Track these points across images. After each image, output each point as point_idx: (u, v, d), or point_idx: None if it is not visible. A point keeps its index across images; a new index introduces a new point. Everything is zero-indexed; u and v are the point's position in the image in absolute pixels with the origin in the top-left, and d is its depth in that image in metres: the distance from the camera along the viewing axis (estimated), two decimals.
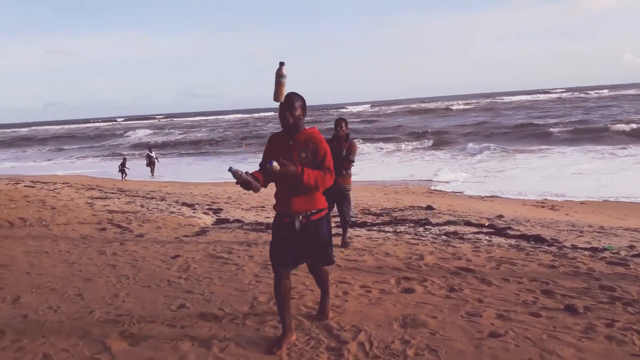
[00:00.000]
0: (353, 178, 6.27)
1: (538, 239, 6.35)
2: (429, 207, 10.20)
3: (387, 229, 8.00)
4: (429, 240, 6.42)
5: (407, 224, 8.52)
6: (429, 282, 4.33)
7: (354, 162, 5.95)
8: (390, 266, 4.91)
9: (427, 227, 8.08)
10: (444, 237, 6.85)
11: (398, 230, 7.87)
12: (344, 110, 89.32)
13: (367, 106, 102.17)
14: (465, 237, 6.66)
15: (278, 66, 2.91)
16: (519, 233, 7.01)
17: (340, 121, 5.91)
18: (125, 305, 4.12)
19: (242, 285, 4.46)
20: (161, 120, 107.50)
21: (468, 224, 8.04)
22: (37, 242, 6.70)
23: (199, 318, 3.72)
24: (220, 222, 9.20)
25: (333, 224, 6.91)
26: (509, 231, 7.18)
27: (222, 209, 10.75)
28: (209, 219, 9.43)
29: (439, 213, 9.58)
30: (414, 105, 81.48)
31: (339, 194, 5.93)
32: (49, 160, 36.00)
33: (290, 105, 3.02)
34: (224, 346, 3.22)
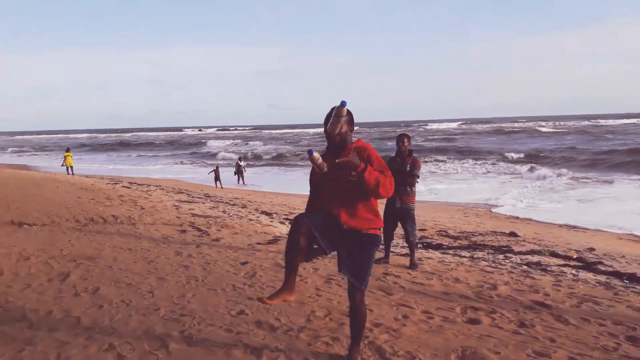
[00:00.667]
0: (420, 197, 6.08)
1: (633, 278, 5.75)
2: (513, 234, 9.64)
3: (464, 253, 7.66)
4: (506, 269, 6.04)
5: (486, 250, 8.11)
6: (497, 314, 4.05)
7: (418, 177, 5.77)
8: (459, 293, 4.67)
9: (508, 254, 7.64)
10: (524, 267, 6.43)
11: (475, 255, 7.51)
12: (427, 126, 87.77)
13: (454, 124, 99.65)
14: (548, 269, 6.20)
15: (339, 105, 2.79)
16: (611, 269, 6.40)
17: (402, 137, 5.78)
18: (189, 306, 4.26)
19: (302, 297, 4.45)
20: (248, 131, 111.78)
21: (554, 254, 7.49)
22: (123, 239, 7.17)
23: (255, 326, 3.76)
24: None
25: (398, 244, 6.69)
26: (599, 266, 6.58)
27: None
28: (284, 228, 9.58)
29: (523, 241, 9.02)
30: (503, 125, 78.11)
31: (403, 213, 5.78)
32: (146, 164, 38.69)
33: (332, 122, 2.88)
34: (274, 357, 3.21)
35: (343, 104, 2.78)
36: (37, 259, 5.91)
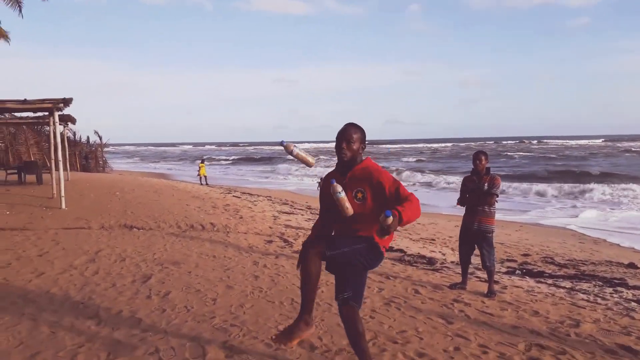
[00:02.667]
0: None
1: None
2: (632, 265, 8.46)
3: (564, 283, 6.89)
4: (606, 305, 5.31)
5: (594, 282, 7.22)
6: (567, 356, 3.55)
7: (498, 196, 5.30)
8: (530, 328, 4.19)
9: (619, 288, 6.73)
10: (634, 304, 5.60)
11: (577, 287, 6.72)
12: (568, 142, 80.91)
13: (598, 140, 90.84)
14: None
15: (333, 186, 2.73)
16: None
17: (479, 154, 5.35)
18: (243, 316, 4.34)
19: None
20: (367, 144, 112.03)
21: None
22: (211, 246, 7.58)
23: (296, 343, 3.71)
24: None
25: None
26: None
27: None
28: None
29: None
30: None
31: (480, 235, 5.35)
32: (266, 177, 40.50)
33: (348, 137, 2.75)
34: None
35: (333, 183, 2.74)
36: (131, 261, 6.47)
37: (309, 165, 2.88)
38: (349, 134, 2.78)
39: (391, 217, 2.46)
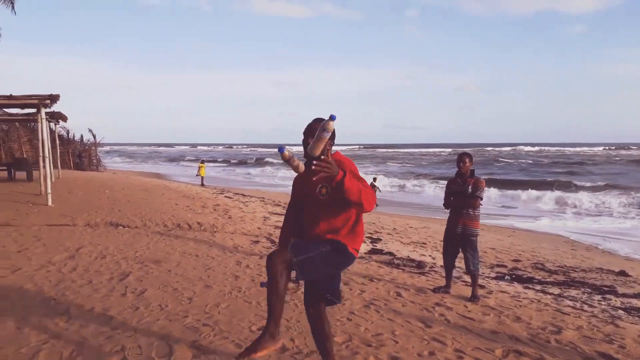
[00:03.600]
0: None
1: None
2: (622, 273, 8.37)
3: (552, 290, 6.81)
4: (592, 312, 5.22)
5: (583, 289, 7.14)
6: None
7: (482, 199, 5.21)
8: (510, 334, 4.09)
9: (608, 296, 6.65)
10: (621, 312, 5.51)
11: (565, 293, 6.64)
12: (576, 149, 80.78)
13: (599, 148, 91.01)
14: None
15: (328, 118, 2.52)
16: None
17: (463, 156, 5.26)
18: (217, 316, 4.24)
19: (332, 320, 4.20)
20: (362, 149, 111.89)
21: None
22: (196, 245, 7.46)
23: None
24: (373, 252, 9.02)
25: (483, 274, 5.98)
26: None
27: (381, 239, 10.55)
28: (363, 247, 9.33)
29: (634, 282, 7.80)
30: None
31: (463, 238, 5.26)
32: (260, 178, 40.26)
33: (313, 132, 2.66)
34: None
35: (332, 117, 2.52)
36: (111, 258, 6.36)
37: (297, 172, 2.74)
38: (314, 129, 2.67)
39: (286, 154, 2.49)
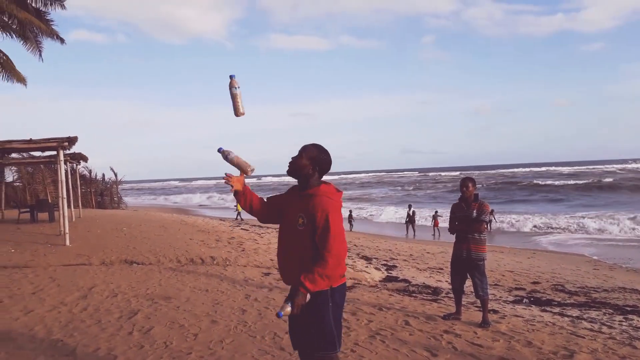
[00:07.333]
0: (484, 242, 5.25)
1: None
2: None
3: (571, 312, 6.61)
4: (609, 334, 5.04)
5: (604, 309, 6.92)
6: None
7: (487, 222, 5.13)
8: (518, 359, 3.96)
9: (630, 316, 6.43)
10: None
11: (585, 315, 6.44)
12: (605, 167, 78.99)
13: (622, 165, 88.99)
14: None
15: (229, 80, 2.73)
16: None
17: (466, 181, 5.22)
18: (220, 352, 4.21)
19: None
20: (385, 173, 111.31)
21: None
22: (206, 280, 7.48)
23: None
24: (389, 279, 8.92)
25: (500, 298, 5.84)
26: None
27: (396, 266, 10.44)
28: (377, 275, 9.24)
29: None
30: None
31: (471, 264, 5.17)
32: None
33: (299, 151, 2.64)
34: None
35: (231, 77, 2.73)
36: (122, 297, 6.40)
37: (245, 172, 2.77)
38: (301, 149, 2.68)
39: (289, 308, 2.44)
